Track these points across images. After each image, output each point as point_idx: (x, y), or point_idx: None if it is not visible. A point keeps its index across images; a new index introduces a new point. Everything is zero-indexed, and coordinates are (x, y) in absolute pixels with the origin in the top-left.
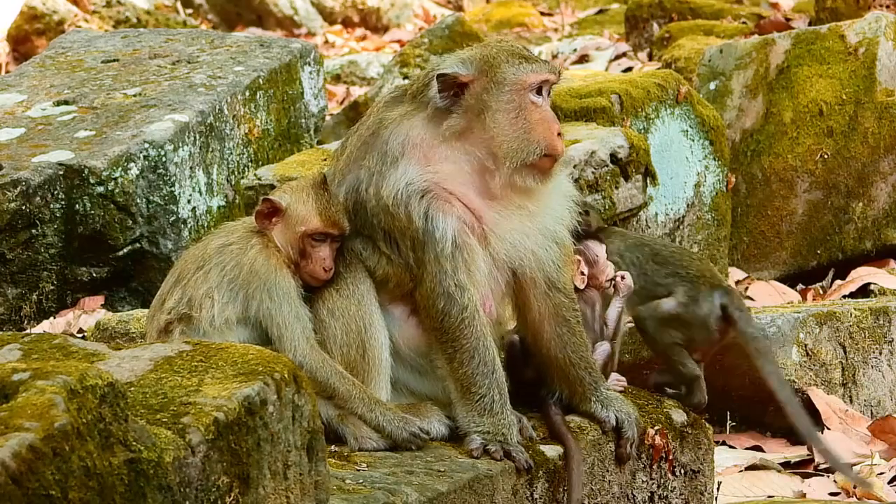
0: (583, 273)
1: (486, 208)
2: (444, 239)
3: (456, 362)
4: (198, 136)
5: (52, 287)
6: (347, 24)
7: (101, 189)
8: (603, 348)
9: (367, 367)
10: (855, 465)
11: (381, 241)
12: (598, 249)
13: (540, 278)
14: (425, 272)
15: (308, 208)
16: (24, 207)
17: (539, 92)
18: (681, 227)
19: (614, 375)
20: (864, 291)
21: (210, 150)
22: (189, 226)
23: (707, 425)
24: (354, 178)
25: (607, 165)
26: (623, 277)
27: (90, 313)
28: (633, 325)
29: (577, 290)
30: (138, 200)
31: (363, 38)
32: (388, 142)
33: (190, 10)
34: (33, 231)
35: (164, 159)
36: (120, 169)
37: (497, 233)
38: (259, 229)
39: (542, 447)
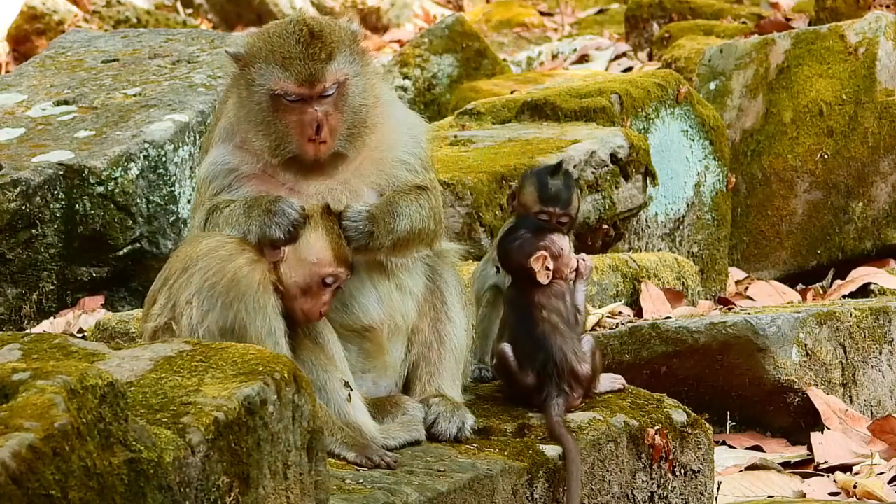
0: (548, 268)
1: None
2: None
3: None
4: (198, 136)
5: (52, 287)
6: None
7: (101, 189)
8: (586, 339)
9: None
10: (855, 464)
11: None
12: (562, 243)
13: None
14: None
15: (323, 245)
16: (24, 207)
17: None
18: (681, 227)
19: (611, 375)
20: (864, 291)
21: None
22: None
23: (707, 425)
24: None
25: (607, 165)
26: (584, 260)
27: (90, 313)
28: (631, 324)
29: (543, 285)
30: (138, 200)
31: (363, 38)
32: None
33: (190, 10)
34: (33, 231)
35: (164, 159)
36: (120, 169)
37: None
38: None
39: (542, 447)
